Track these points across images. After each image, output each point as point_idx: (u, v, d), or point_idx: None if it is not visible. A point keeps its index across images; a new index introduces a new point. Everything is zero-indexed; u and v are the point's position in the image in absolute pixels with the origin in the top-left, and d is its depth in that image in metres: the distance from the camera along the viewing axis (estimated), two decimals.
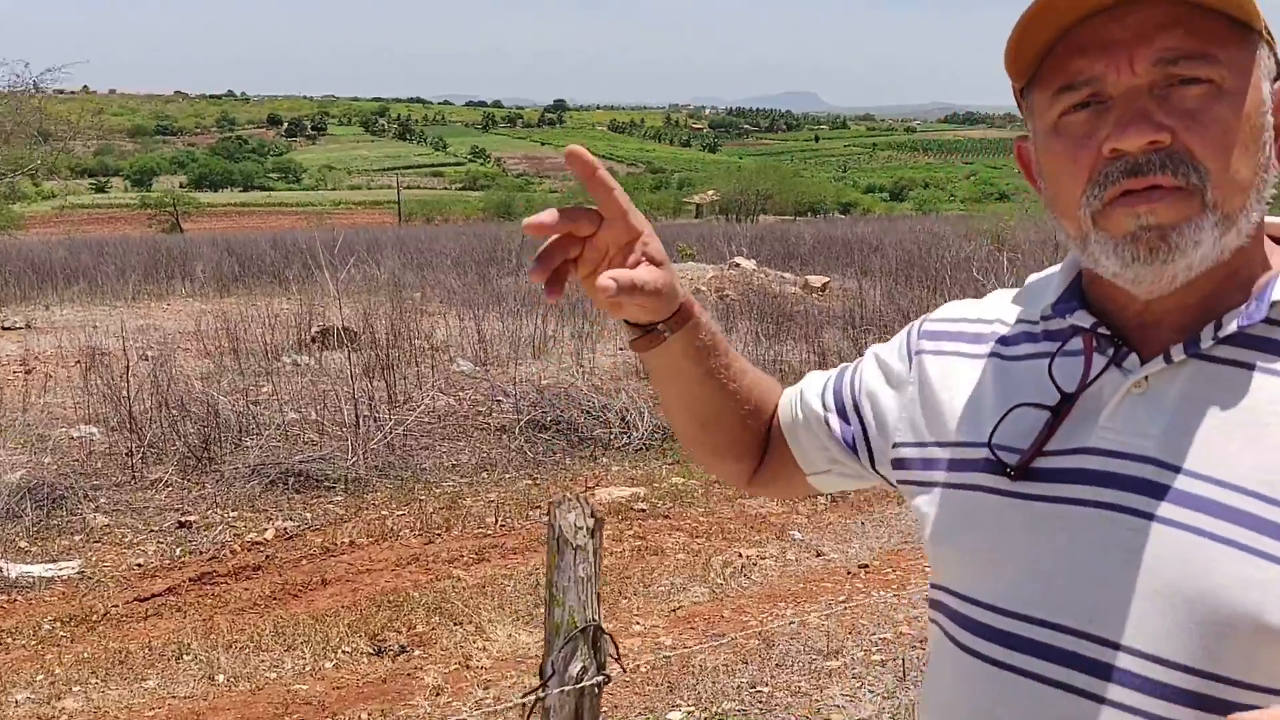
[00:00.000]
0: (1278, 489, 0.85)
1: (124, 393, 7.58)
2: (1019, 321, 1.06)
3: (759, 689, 4.16)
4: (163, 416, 7.54)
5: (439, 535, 5.96)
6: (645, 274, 1.00)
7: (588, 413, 8.18)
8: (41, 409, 8.73)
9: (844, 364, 1.25)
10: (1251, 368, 0.90)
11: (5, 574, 5.28)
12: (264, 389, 8.96)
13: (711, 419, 1.20)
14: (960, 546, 1.01)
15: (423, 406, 8.34)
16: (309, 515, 6.25)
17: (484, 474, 7.19)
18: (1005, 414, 0.99)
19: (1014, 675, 0.95)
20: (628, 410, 8.21)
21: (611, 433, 7.94)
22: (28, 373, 10.58)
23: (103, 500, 6.40)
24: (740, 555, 5.71)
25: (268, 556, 5.55)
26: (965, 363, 1.07)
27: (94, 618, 4.85)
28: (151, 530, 5.94)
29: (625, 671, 1.85)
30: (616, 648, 1.77)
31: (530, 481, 7.05)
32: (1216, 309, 0.92)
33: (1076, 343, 0.98)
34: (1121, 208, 0.87)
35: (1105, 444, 0.93)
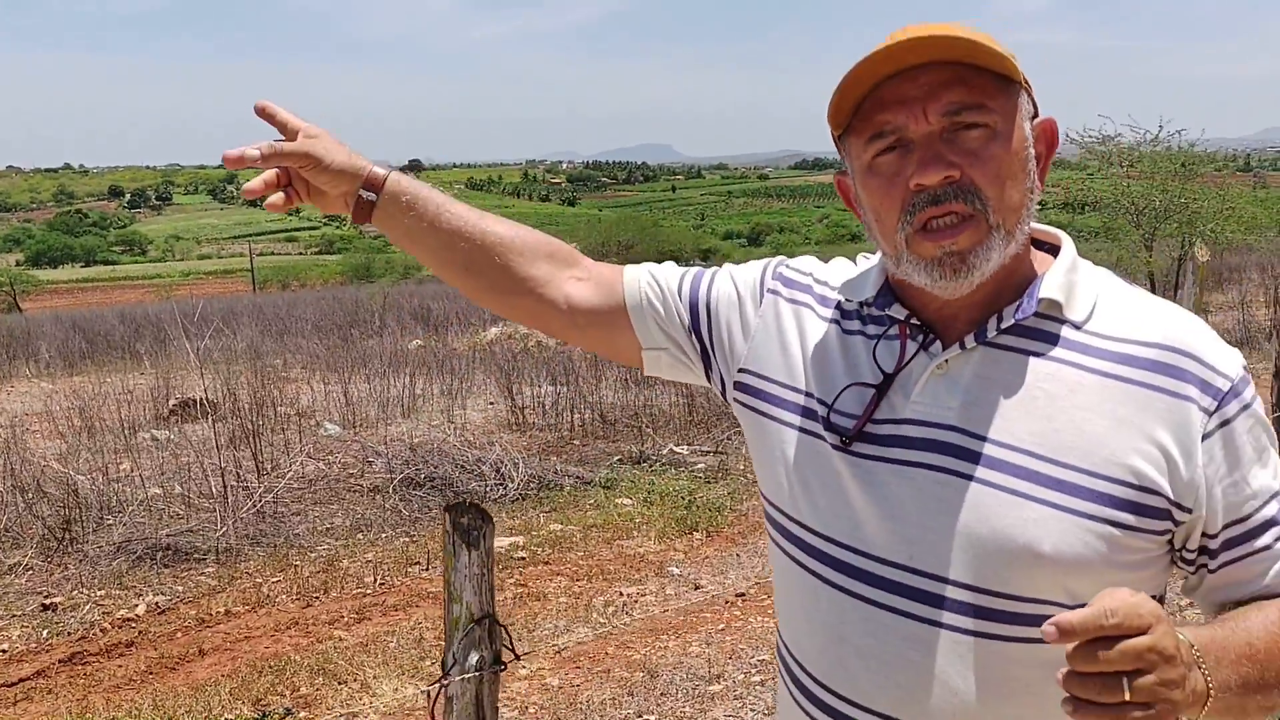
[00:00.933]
0: (1044, 447, 1.11)
1: None
2: (850, 300, 1.28)
3: (645, 717, 4.29)
4: (17, 499, 7.26)
5: (317, 598, 5.91)
6: (287, 146, 1.28)
7: (462, 467, 8.22)
8: None
9: (698, 269, 1.44)
10: (1025, 353, 1.15)
11: None
12: (123, 466, 8.69)
13: (470, 262, 1.38)
14: (808, 488, 1.22)
15: (291, 473, 8.23)
16: (180, 588, 6.11)
17: (360, 535, 7.15)
18: (842, 390, 1.22)
19: (855, 600, 1.18)
20: (502, 462, 8.28)
21: (487, 485, 8.00)
22: None
23: None
24: (621, 594, 5.85)
25: (140, 632, 5.41)
26: (814, 320, 1.29)
27: None
28: (13, 615, 5.72)
29: (519, 659, 1.97)
30: (510, 638, 1.89)
31: (408, 539, 7.03)
32: (998, 304, 1.17)
33: (894, 330, 1.22)
34: (929, 241, 1.12)
35: (917, 415, 1.17)
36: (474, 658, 1.70)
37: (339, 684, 4.71)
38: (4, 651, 5.26)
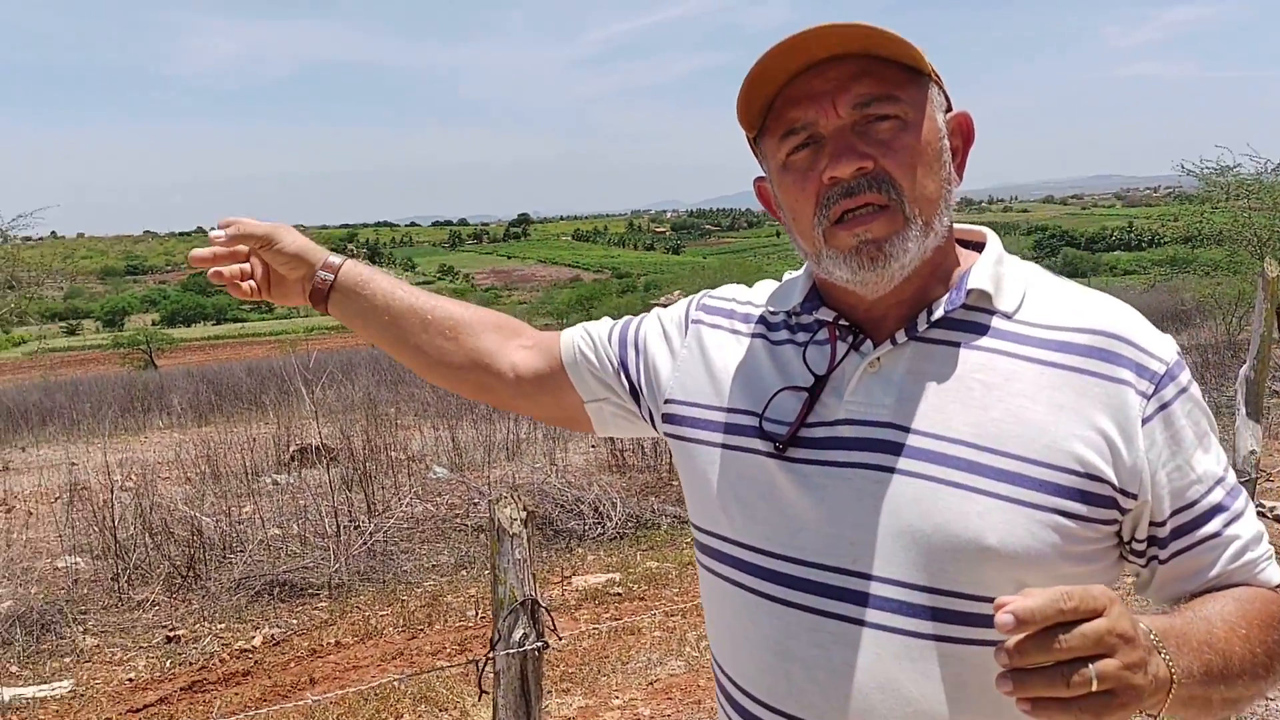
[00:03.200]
0: (983, 437, 1.08)
1: (107, 521, 7.75)
2: (776, 313, 1.28)
3: None
4: (146, 540, 7.71)
5: (422, 631, 6.13)
6: (246, 225, 1.37)
7: (561, 507, 8.41)
8: (24, 544, 8.85)
9: (629, 317, 1.45)
10: (957, 345, 1.13)
11: None
12: (245, 508, 9.13)
13: (421, 340, 1.44)
14: (742, 502, 1.19)
15: (400, 513, 8.55)
16: (295, 621, 6.42)
17: (463, 572, 7.38)
18: (773, 395, 1.20)
19: (796, 611, 1.13)
20: (600, 502, 8.45)
21: (586, 524, 8.17)
22: (8, 511, 10.70)
23: (91, 623, 6.54)
24: None
25: (256, 662, 5.71)
26: (739, 339, 1.29)
27: None
28: (140, 647, 6.09)
29: (561, 640, 2.09)
30: (553, 620, 2.02)
31: None
32: (926, 299, 1.16)
33: (823, 334, 1.21)
34: (844, 230, 1.10)
35: (851, 414, 1.14)
36: (518, 634, 1.84)
37: (440, 711, 4.89)
38: (131, 680, 5.61)
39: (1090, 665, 0.85)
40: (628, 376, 1.38)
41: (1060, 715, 0.85)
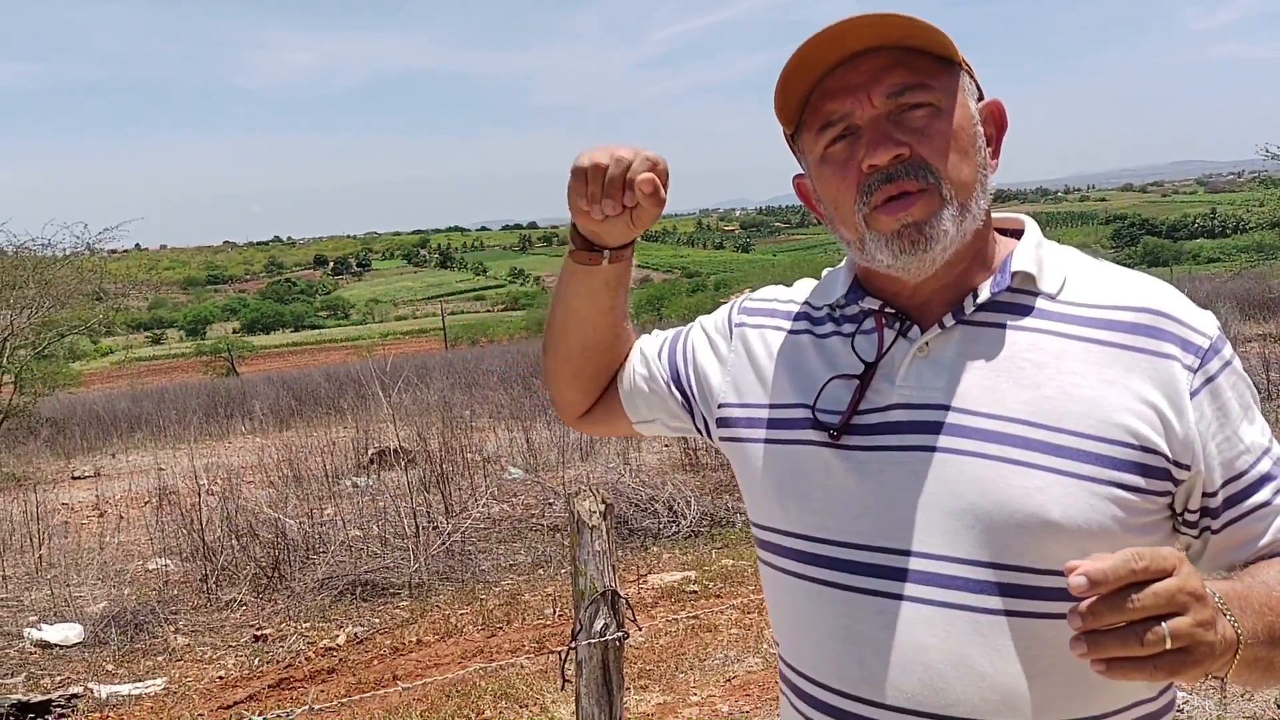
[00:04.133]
0: (1037, 414, 1.10)
1: (195, 524, 7.98)
2: (819, 307, 1.30)
3: None
4: (233, 543, 7.91)
5: (500, 629, 6.21)
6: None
7: (636, 506, 8.44)
8: (117, 547, 9.17)
9: (677, 330, 1.48)
10: (1004, 326, 1.16)
11: (96, 695, 5.60)
12: (327, 511, 9.32)
13: (592, 348, 1.44)
14: (799, 494, 1.21)
15: (477, 513, 8.66)
16: (377, 620, 6.54)
17: (540, 571, 7.45)
18: (824, 385, 1.22)
19: (862, 595, 1.15)
20: (674, 500, 8.46)
21: (660, 523, 8.19)
22: (101, 515, 11.08)
23: (182, 623, 6.74)
24: None
25: (341, 660, 5.83)
26: (784, 336, 1.31)
27: None
28: (230, 645, 6.25)
29: (641, 631, 2.11)
30: (632, 611, 2.03)
31: None
32: (968, 284, 1.18)
33: (869, 323, 1.23)
34: (885, 215, 1.13)
35: (904, 399, 1.16)
36: (599, 624, 1.85)
37: (520, 707, 4.94)
38: (221, 677, 5.77)
39: (1163, 624, 0.86)
40: (680, 389, 1.41)
41: (1136, 674, 0.87)
